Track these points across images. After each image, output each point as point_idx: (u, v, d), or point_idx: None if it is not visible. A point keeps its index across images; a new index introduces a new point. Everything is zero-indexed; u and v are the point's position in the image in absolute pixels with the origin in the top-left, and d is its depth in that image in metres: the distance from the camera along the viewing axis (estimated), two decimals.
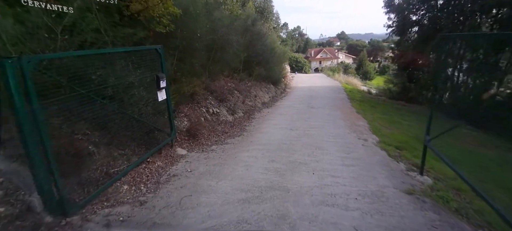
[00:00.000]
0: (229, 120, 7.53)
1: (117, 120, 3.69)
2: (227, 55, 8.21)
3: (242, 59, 11.28)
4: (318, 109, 10.16)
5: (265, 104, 11.23)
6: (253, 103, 10.27)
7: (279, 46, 19.12)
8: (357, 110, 10.50)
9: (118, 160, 3.74)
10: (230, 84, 9.80)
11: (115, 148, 3.79)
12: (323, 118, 8.57)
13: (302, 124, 7.52)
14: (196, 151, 5.08)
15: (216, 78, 9.10)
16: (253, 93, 11.03)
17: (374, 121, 8.78)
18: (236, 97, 9.25)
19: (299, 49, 61.74)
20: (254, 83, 12.06)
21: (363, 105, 12.29)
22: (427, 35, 14.46)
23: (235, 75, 10.97)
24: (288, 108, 10.30)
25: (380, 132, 7.25)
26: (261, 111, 9.63)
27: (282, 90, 16.02)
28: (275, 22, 34.06)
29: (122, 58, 3.77)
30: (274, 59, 15.45)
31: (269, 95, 13.05)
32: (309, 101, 12.26)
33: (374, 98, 15.45)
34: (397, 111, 12.26)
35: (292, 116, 8.70)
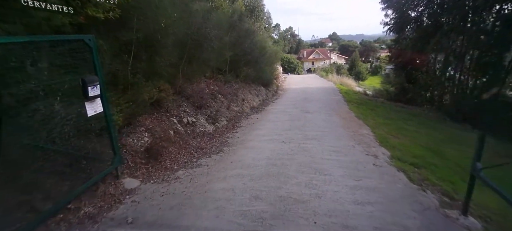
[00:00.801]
0: (208, 131, 6.15)
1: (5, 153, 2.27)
2: (206, 54, 6.84)
3: (227, 58, 9.93)
4: (314, 114, 8.89)
5: (254, 109, 9.89)
6: (240, 109, 8.92)
7: (270, 45, 17.85)
8: (357, 115, 9.29)
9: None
10: (213, 88, 8.43)
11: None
12: (320, 125, 7.29)
13: (296, 134, 6.21)
14: (153, 181, 3.69)
15: (196, 81, 7.72)
16: (241, 97, 9.68)
17: (377, 128, 7.57)
18: (219, 103, 7.87)
19: (292, 50, 60.71)
20: (242, 86, 10.72)
21: (361, 108, 11.11)
22: (426, 32, 13.45)
23: (220, 76, 9.61)
24: (280, 114, 9.00)
25: (388, 143, 6.03)
26: (249, 118, 8.28)
27: (273, 93, 14.73)
28: (266, 21, 32.85)
29: (17, 54, 2.37)
30: (264, 59, 14.17)
31: (259, 99, 11.72)
32: (303, 104, 11.00)
33: (372, 100, 14.33)
34: (398, 115, 11.13)
35: (285, 124, 7.39)
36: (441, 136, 8.13)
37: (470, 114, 11.71)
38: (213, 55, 7.54)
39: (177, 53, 5.67)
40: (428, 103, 14.88)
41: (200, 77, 7.90)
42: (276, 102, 12.07)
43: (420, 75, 15.13)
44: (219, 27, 8.55)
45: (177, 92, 6.16)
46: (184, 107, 6.08)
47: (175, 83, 6.16)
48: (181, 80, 6.14)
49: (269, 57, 16.31)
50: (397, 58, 16.47)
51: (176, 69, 5.98)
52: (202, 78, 8.41)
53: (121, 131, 4.15)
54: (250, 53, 11.01)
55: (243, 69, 10.69)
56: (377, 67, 56.50)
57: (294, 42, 66.73)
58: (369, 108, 11.33)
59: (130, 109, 4.10)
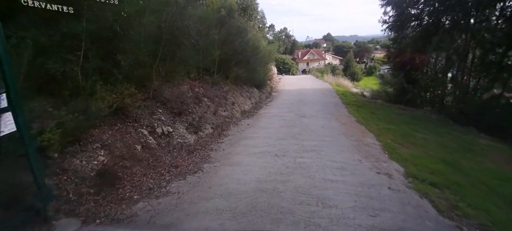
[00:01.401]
0: (188, 142, 5.17)
1: None
2: (186, 52, 5.86)
3: (216, 58, 8.97)
4: (311, 119, 8.00)
5: (245, 113, 8.94)
6: (229, 113, 7.96)
7: (263, 45, 16.94)
8: (357, 119, 8.44)
9: None
10: (198, 90, 7.45)
11: None
12: (318, 132, 6.39)
13: (291, 144, 5.29)
14: (100, 221, 2.71)
15: (177, 83, 6.74)
16: (230, 100, 8.72)
17: (382, 135, 6.72)
18: (205, 107, 6.91)
19: (286, 51, 59.95)
20: (233, 88, 9.76)
21: (361, 111, 10.29)
22: (428, 31, 12.73)
23: (208, 78, 8.63)
24: (274, 119, 8.07)
25: (398, 154, 5.17)
26: (238, 124, 7.33)
27: (267, 95, 13.82)
28: (260, 21, 31.97)
29: None
30: (257, 59, 13.25)
31: (251, 102, 10.79)
32: (299, 108, 10.11)
33: (370, 102, 13.55)
34: (400, 118, 10.33)
35: (279, 131, 6.47)
36: (450, 143, 7.32)
37: (473, 117, 11.01)
38: (196, 53, 6.58)
39: (148, 51, 4.68)
40: (428, 104, 14.18)
41: (182, 79, 6.91)
42: (270, 105, 11.15)
43: (420, 75, 14.43)
44: (205, 23, 7.60)
45: (151, 97, 5.17)
46: (158, 115, 5.09)
47: (149, 86, 5.17)
48: (155, 82, 5.15)
49: (263, 57, 15.40)
50: (396, 58, 15.76)
51: (148, 69, 4.99)
52: (186, 80, 7.42)
53: (64, 151, 3.15)
54: (241, 52, 10.07)
55: (233, 69, 9.74)
56: (372, 68, 56.22)
57: (289, 43, 66.04)
58: (369, 112, 10.51)
59: (75, 122, 3.11)
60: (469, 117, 11.02)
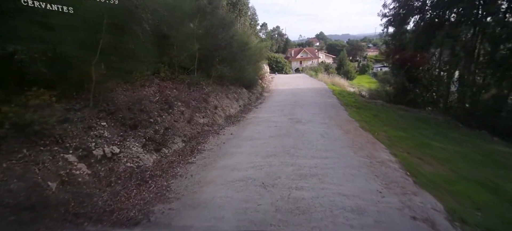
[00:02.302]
0: (143, 166, 3.74)
1: None
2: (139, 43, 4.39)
3: (195, 53, 7.55)
4: (308, 125, 6.67)
5: (231, 119, 7.54)
6: (210, 120, 6.55)
7: (254, 42, 15.54)
8: (361, 124, 7.17)
9: None
10: (170, 92, 6.01)
11: None
12: (318, 144, 5.05)
13: (284, 166, 3.94)
14: None
15: (140, 84, 5.29)
16: (212, 104, 7.31)
17: (395, 145, 5.45)
18: (177, 114, 5.48)
19: (279, 50, 58.62)
20: (216, 88, 8.35)
21: (363, 114, 9.04)
22: (432, 25, 11.58)
23: (185, 77, 7.19)
24: (264, 126, 6.71)
25: (424, 176, 3.91)
26: (219, 134, 5.93)
27: (258, 95, 12.44)
28: (252, 18, 30.55)
29: None
30: (247, 56, 11.86)
31: (239, 104, 9.39)
32: (293, 110, 8.77)
33: (370, 103, 12.34)
34: (407, 122, 9.13)
35: (268, 144, 5.10)
36: (472, 154, 6.10)
37: (484, 118, 9.92)
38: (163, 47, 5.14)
39: (80, 40, 3.22)
40: (431, 105, 13.09)
41: (147, 79, 5.47)
42: (260, 108, 9.78)
43: (422, 74, 13.31)
44: (177, 10, 6.15)
45: (91, 105, 3.71)
46: (100, 130, 3.64)
47: (89, 88, 3.71)
48: (94, 84, 3.67)
49: (253, 55, 14.02)
50: (395, 56, 14.61)
51: (85, 67, 3.53)
52: (154, 81, 5.97)
53: None
54: (226, 48, 8.65)
55: (217, 67, 8.31)
56: (365, 66, 55.59)
57: (282, 41, 64.80)
58: (372, 114, 9.27)
59: None
60: (478, 119, 9.93)
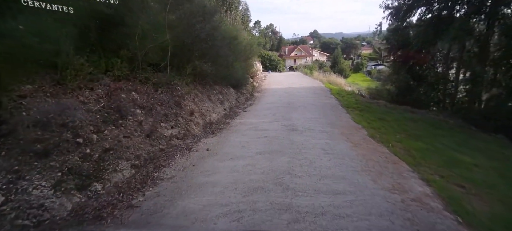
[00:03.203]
0: (51, 219, 2.27)
1: None
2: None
3: (167, 46, 6.06)
4: (306, 136, 5.29)
5: (211, 126, 6.08)
6: (182, 130, 5.08)
7: (245, 36, 14.07)
8: (370, 133, 5.84)
9: None
10: (126, 96, 4.51)
11: None
12: (321, 167, 3.65)
13: (274, 210, 2.54)
14: None
15: (78, 87, 3.78)
16: (188, 108, 5.83)
17: (421, 164, 4.12)
18: (130, 127, 3.99)
19: (273, 48, 57.09)
20: (194, 89, 6.87)
21: (368, 117, 7.73)
22: (440, 18, 10.35)
23: (150, 76, 5.66)
24: (250, 136, 5.29)
25: (481, 221, 2.56)
26: (191, 151, 4.46)
27: (248, 96, 11.00)
28: (244, 13, 28.98)
29: None
30: (235, 52, 10.43)
31: (224, 107, 7.94)
32: (287, 114, 7.38)
33: (372, 103, 11.05)
34: (418, 126, 7.83)
35: (254, 165, 3.69)
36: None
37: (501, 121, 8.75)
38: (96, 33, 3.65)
39: None
40: (436, 105, 11.90)
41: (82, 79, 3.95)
42: (250, 110, 8.33)
43: (427, 72, 12.10)
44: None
45: None
46: None
47: None
48: None
49: (243, 51, 12.58)
50: (397, 52, 13.38)
51: None
52: (105, 80, 4.45)
53: None
54: (208, 40, 7.14)
55: (195, 63, 6.82)
56: (359, 64, 54.78)
57: (275, 39, 63.28)
58: (377, 118, 7.95)
59: None
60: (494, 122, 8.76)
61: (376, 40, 75.97)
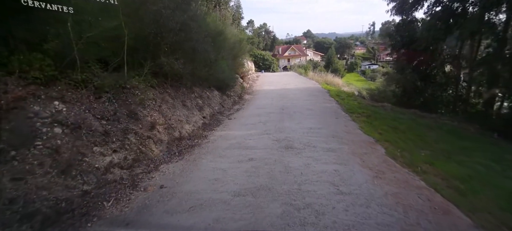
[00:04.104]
0: None
1: None
2: None
3: (123, 38, 4.50)
4: (305, 156, 3.85)
5: (179, 144, 4.55)
6: (131, 155, 3.54)
7: (234, 33, 12.54)
8: (389, 150, 4.44)
9: None
10: (40, 109, 2.95)
11: None
12: (336, 219, 2.20)
13: None
14: None
15: None
16: (147, 120, 4.29)
17: (479, 210, 2.73)
18: (30, 162, 2.44)
19: (266, 47, 55.68)
20: (162, 93, 5.32)
21: (378, 126, 6.35)
22: (451, 12, 9.08)
23: (93, 77, 4.09)
24: (230, 160, 3.80)
25: None
26: (137, 189, 2.95)
27: (236, 99, 9.50)
28: (236, 11, 27.40)
29: None
30: (221, 49, 8.92)
31: (204, 114, 6.41)
32: (280, 123, 5.91)
33: (376, 106, 9.70)
34: (437, 135, 6.48)
35: (228, 216, 2.21)
36: None
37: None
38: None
39: None
40: (446, 108, 10.66)
41: None
42: (236, 118, 6.84)
43: (436, 71, 10.84)
44: None
45: None
46: None
47: None
48: None
49: (231, 49, 11.09)
50: (400, 50, 12.10)
51: None
52: (8, 86, 2.88)
53: None
54: (181, 32, 5.60)
55: (161, 60, 5.27)
56: (353, 64, 53.90)
57: (269, 39, 61.88)
58: (389, 126, 6.58)
59: None
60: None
61: (370, 40, 75.67)
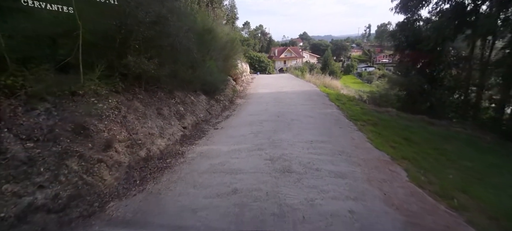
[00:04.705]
0: None
1: None
2: None
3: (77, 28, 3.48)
4: (307, 185, 2.85)
5: (146, 166, 3.51)
6: (66, 191, 2.50)
7: (225, 30, 11.54)
8: (410, 172, 3.48)
9: None
10: None
11: None
12: None
13: None
14: None
15: None
16: (102, 137, 3.25)
17: None
18: None
19: (262, 49, 54.83)
20: (131, 99, 4.29)
21: (388, 136, 5.42)
22: (460, 10, 8.25)
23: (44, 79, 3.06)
24: (207, 188, 2.80)
25: None
26: None
27: (226, 105, 8.48)
28: (230, 11, 26.47)
29: None
30: (210, 49, 7.96)
31: (184, 124, 5.38)
32: (275, 134, 4.92)
33: (382, 113, 8.78)
34: (461, 152, 5.58)
35: None
36: None
37: None
38: None
39: None
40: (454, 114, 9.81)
41: None
42: (223, 128, 5.82)
43: (443, 74, 10.01)
44: None
45: None
46: None
47: None
48: None
49: (224, 48, 10.10)
50: (404, 51, 11.25)
51: None
52: None
53: None
54: (153, 25, 4.59)
55: (128, 59, 4.24)
56: (349, 66, 53.33)
57: (265, 40, 61.08)
58: (402, 138, 5.63)
59: None
60: None
61: (365, 42, 75.45)
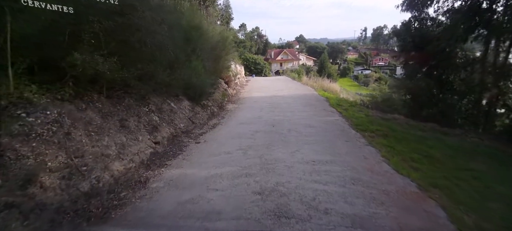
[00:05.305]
0: None
1: None
2: None
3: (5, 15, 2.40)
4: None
5: (85, 204, 2.47)
6: None
7: (216, 29, 10.53)
8: (451, 211, 2.51)
9: None
10: None
11: None
12: None
13: None
14: None
15: None
16: (24, 165, 2.21)
17: None
18: None
19: (259, 51, 54.04)
20: (85, 107, 3.25)
21: (404, 152, 4.48)
22: (475, 8, 7.42)
23: None
24: None
25: None
26: None
27: (214, 111, 7.45)
28: (225, 10, 25.51)
29: None
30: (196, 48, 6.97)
31: (157, 139, 4.34)
32: (270, 152, 3.92)
33: (389, 120, 7.85)
34: (484, 166, 4.67)
35: None
36: None
37: None
38: None
39: None
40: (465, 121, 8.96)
41: None
42: (206, 142, 4.79)
43: (453, 77, 9.17)
44: None
45: None
46: None
47: None
48: None
49: (214, 48, 9.10)
50: (410, 52, 10.42)
51: None
52: None
53: None
54: (112, 15, 3.59)
55: (74, 57, 3.23)
56: (346, 69, 52.85)
57: (261, 42, 60.28)
58: (420, 153, 4.69)
59: None
60: None
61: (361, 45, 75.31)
